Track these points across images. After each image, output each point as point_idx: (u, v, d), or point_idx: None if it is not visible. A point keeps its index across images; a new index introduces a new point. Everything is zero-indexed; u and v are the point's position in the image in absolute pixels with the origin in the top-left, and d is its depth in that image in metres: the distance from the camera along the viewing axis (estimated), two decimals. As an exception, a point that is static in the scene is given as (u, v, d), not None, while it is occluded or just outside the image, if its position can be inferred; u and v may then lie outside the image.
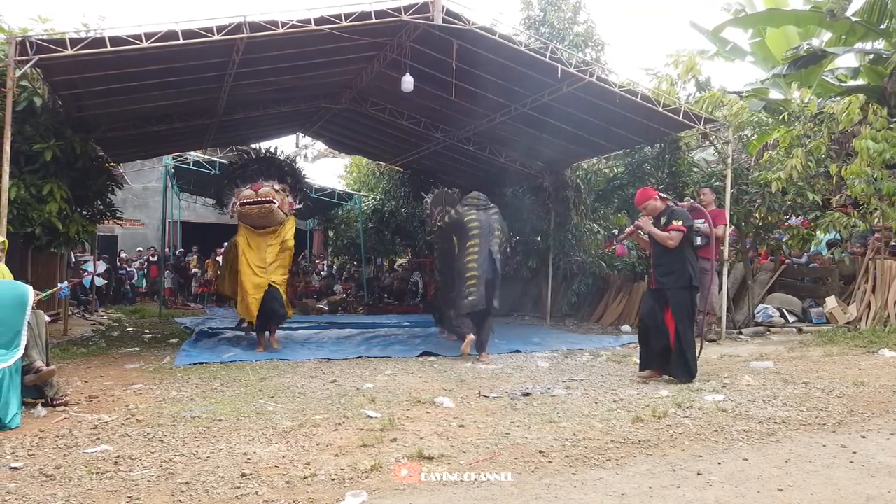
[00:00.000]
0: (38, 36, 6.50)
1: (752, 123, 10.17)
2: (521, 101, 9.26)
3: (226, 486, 3.04)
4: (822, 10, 12.04)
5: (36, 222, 7.46)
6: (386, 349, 8.15)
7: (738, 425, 4.10)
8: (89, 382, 5.74)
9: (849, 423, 4.14)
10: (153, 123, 9.62)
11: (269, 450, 3.60)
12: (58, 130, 7.74)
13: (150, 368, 6.56)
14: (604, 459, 3.45)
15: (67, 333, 9.25)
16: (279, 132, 13.84)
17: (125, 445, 3.71)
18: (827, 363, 6.39)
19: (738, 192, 9.10)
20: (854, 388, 5.13)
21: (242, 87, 8.89)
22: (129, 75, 7.57)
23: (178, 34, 6.52)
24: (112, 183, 9.91)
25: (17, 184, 7.18)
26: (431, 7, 7.16)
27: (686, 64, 10.28)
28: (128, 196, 18.41)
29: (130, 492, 2.99)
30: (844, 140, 9.58)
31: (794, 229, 9.82)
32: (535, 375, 6.16)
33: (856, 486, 3.05)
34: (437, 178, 15.31)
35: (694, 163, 10.48)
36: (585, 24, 14.12)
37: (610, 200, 11.74)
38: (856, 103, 8.28)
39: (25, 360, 4.45)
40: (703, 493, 2.97)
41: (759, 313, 9.43)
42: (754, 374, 5.80)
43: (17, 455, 3.55)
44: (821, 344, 7.62)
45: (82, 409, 4.66)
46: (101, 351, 7.84)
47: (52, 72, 7.15)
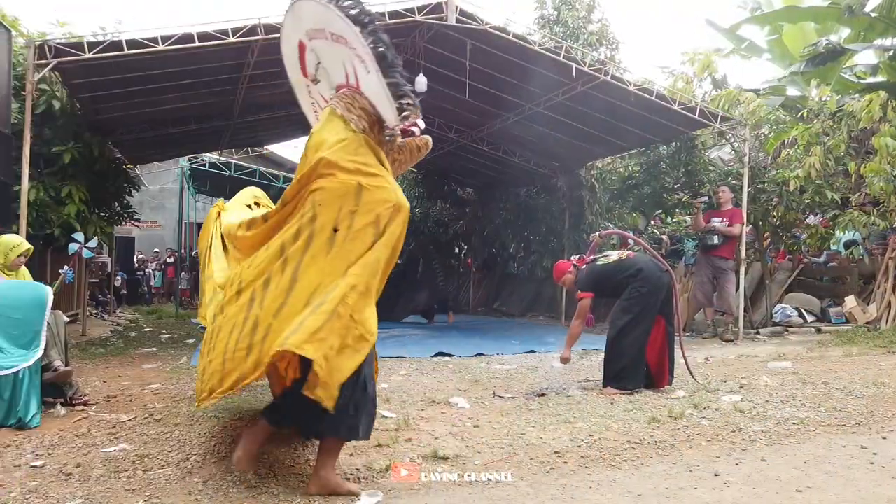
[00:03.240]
0: (57, 40, 6.59)
1: (770, 121, 10.07)
2: (535, 100, 9.24)
3: (242, 486, 3.06)
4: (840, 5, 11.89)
5: (55, 224, 7.55)
6: (401, 349, 8.16)
7: (756, 426, 4.06)
8: (108, 382, 5.79)
9: (869, 424, 4.09)
10: (170, 126, 9.71)
11: (284, 449, 3.61)
12: (76, 133, 7.84)
13: (167, 368, 6.61)
14: (620, 460, 3.43)
15: (86, 334, 9.35)
16: (294, 133, 13.90)
17: (143, 445, 3.74)
18: (846, 363, 6.31)
19: (756, 191, 9.01)
20: (874, 388, 5.07)
21: (258, 88, 8.94)
22: (146, 78, 7.65)
23: (194, 37, 6.57)
24: (129, 185, 10.02)
25: (37, 186, 7.28)
26: (445, 7, 7.17)
27: (702, 62, 10.22)
28: (144, 198, 18.60)
29: (148, 490, 3.02)
30: (864, 138, 9.47)
31: (813, 228, 9.72)
32: (550, 376, 6.13)
33: (876, 487, 3.01)
34: (451, 178, 15.34)
35: (710, 161, 10.41)
36: (600, 22, 14.05)
37: (625, 200, 11.68)
38: (876, 101, 8.18)
39: (44, 360, 4.50)
40: (721, 494, 2.94)
41: (777, 313, 9.34)
42: (772, 375, 5.74)
43: (37, 454, 3.59)
44: (840, 344, 7.53)
45: (101, 409, 4.71)
46: (119, 351, 7.92)
47: (71, 75, 7.24)
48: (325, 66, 3.25)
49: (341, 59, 3.05)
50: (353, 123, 2.94)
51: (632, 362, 5.16)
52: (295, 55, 3.41)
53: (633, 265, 5.36)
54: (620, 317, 5.27)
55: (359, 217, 2.74)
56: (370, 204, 2.76)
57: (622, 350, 5.19)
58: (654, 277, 5.27)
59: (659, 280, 5.28)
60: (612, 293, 5.49)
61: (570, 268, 5.84)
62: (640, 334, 5.17)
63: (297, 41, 3.30)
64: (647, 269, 5.30)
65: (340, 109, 2.98)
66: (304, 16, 3.17)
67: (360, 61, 2.90)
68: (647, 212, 12.07)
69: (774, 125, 10.24)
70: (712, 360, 6.87)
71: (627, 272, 5.30)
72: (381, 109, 2.95)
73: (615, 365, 5.22)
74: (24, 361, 4.30)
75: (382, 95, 2.88)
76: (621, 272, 5.34)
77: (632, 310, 5.20)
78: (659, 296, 5.26)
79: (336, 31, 2.95)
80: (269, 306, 2.73)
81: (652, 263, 5.40)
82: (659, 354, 5.29)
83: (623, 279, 5.30)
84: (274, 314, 2.71)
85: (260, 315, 2.74)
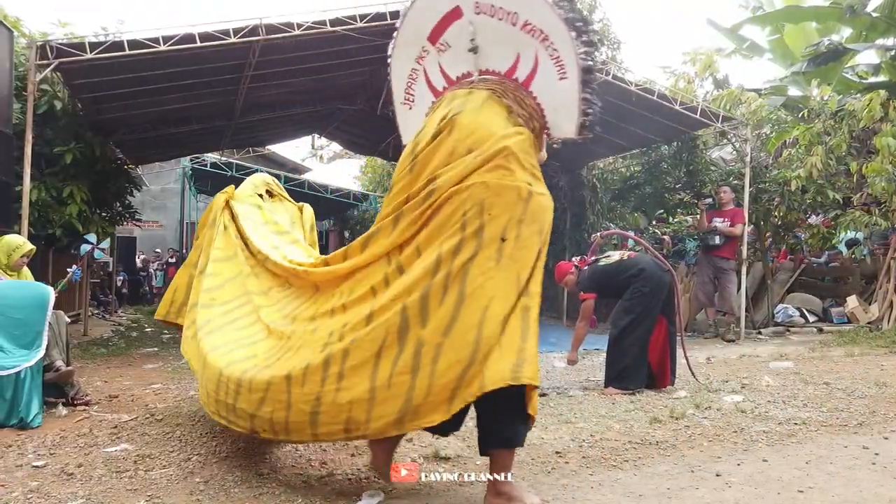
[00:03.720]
0: (58, 40, 6.60)
1: (771, 121, 10.07)
2: (536, 100, 9.22)
3: (244, 486, 3.06)
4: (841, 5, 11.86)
5: (57, 224, 7.57)
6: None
7: (758, 426, 4.05)
8: (109, 382, 5.80)
9: (871, 425, 4.08)
10: (171, 126, 9.72)
11: (285, 449, 3.61)
12: (78, 133, 7.85)
13: (168, 368, 6.61)
14: (621, 460, 3.43)
15: (88, 334, 9.36)
16: (295, 133, 13.93)
17: (145, 444, 3.75)
18: (848, 363, 6.30)
19: (757, 191, 9.01)
20: (876, 388, 5.06)
21: (259, 88, 8.96)
22: (148, 78, 7.66)
23: (195, 37, 6.58)
24: (131, 185, 10.03)
25: (39, 186, 7.29)
26: (446, 7, 7.17)
27: (704, 62, 10.23)
28: (146, 198, 18.60)
29: (150, 490, 3.02)
30: (865, 137, 9.46)
31: (815, 228, 9.72)
32: (551, 376, 6.13)
33: (878, 487, 3.00)
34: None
35: (712, 161, 10.41)
36: (601, 22, 14.03)
37: (627, 199, 11.69)
38: (877, 100, 8.18)
39: (46, 360, 4.51)
40: (723, 494, 2.94)
41: (779, 313, 9.34)
42: (774, 375, 5.73)
43: (39, 454, 3.60)
44: (842, 344, 7.52)
45: (102, 409, 4.72)
46: (120, 351, 7.93)
47: (72, 75, 7.25)
48: (482, 45, 2.92)
49: (517, 47, 2.82)
50: (522, 120, 2.77)
51: (633, 362, 5.16)
52: (434, 16, 3.04)
53: (634, 265, 5.36)
54: (622, 317, 5.27)
55: (525, 226, 2.59)
56: (536, 213, 2.63)
57: (624, 350, 5.19)
58: (656, 277, 5.26)
59: (660, 280, 5.28)
60: (614, 293, 5.49)
61: (571, 269, 5.84)
62: (642, 334, 5.16)
63: (453, 5, 2.95)
64: (648, 269, 5.30)
65: (508, 100, 2.77)
66: None
67: (554, 63, 2.75)
68: (649, 212, 12.07)
69: (776, 125, 10.24)
70: (714, 360, 6.87)
71: (629, 272, 5.30)
72: (562, 119, 2.82)
73: (617, 365, 5.22)
74: (26, 361, 4.31)
75: (573, 107, 2.78)
76: (623, 272, 5.34)
77: (633, 310, 5.20)
78: (660, 296, 5.26)
79: (535, 23, 2.74)
80: (436, 326, 2.52)
81: (653, 263, 5.40)
82: (661, 354, 5.28)
83: (625, 279, 5.30)
84: (443, 333, 2.51)
85: (424, 335, 2.52)
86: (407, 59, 3.18)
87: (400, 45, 3.21)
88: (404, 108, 3.27)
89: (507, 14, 2.79)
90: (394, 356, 2.56)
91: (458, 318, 2.51)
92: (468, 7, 2.90)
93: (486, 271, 2.54)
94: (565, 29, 2.69)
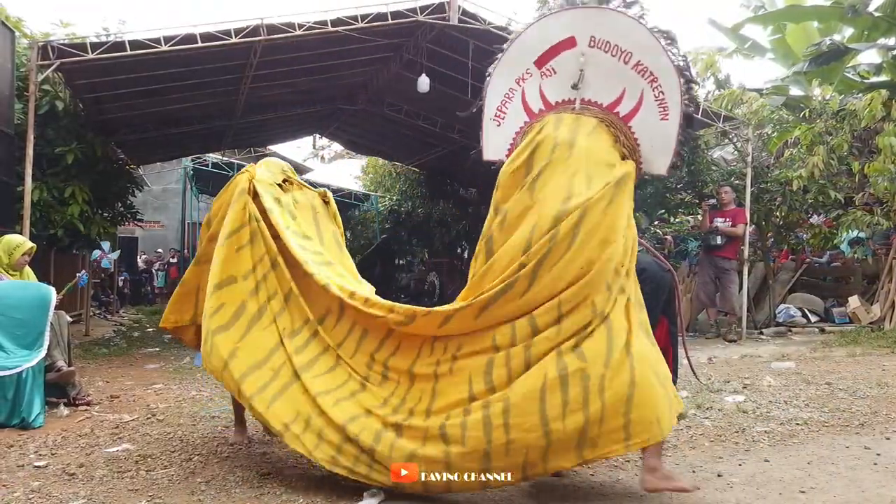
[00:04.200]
0: (60, 40, 6.61)
1: (773, 121, 10.05)
2: (537, 100, 9.22)
3: (245, 486, 3.06)
4: (843, 5, 11.86)
5: (58, 224, 7.57)
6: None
7: (759, 426, 4.05)
8: (111, 382, 5.80)
9: (872, 425, 4.07)
10: (172, 126, 9.74)
11: (287, 450, 3.61)
12: (79, 133, 7.86)
13: (169, 369, 6.62)
14: (622, 460, 3.42)
15: (89, 334, 9.37)
16: (297, 133, 13.96)
17: (146, 445, 3.75)
18: (850, 364, 6.29)
19: (759, 191, 8.99)
20: (878, 388, 5.05)
21: (260, 89, 8.96)
22: (149, 78, 7.67)
23: (197, 37, 6.59)
24: (132, 185, 10.04)
25: (40, 186, 7.30)
26: (447, 7, 7.17)
27: (705, 61, 10.19)
28: (147, 198, 18.60)
29: (151, 490, 3.02)
30: (867, 137, 9.44)
31: (816, 228, 9.70)
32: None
33: (880, 488, 3.00)
34: (454, 178, 15.35)
35: (713, 161, 10.39)
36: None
37: (627, 199, 11.65)
38: (878, 100, 8.16)
39: (47, 360, 4.51)
40: (724, 494, 2.94)
41: (781, 313, 9.32)
42: (775, 375, 5.72)
43: (40, 454, 3.60)
44: (843, 344, 7.51)
45: (104, 409, 4.72)
46: (122, 351, 7.93)
47: (74, 76, 7.26)
48: (589, 78, 3.11)
49: (624, 83, 3.04)
50: (627, 151, 3.01)
51: None
52: (545, 42, 3.18)
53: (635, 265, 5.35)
54: None
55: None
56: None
57: None
58: (657, 277, 5.24)
59: (661, 280, 5.25)
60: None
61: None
62: None
63: (569, 35, 3.11)
64: (649, 269, 5.28)
65: (616, 129, 3.01)
66: (606, 23, 3.04)
67: (658, 104, 3.00)
68: (650, 211, 12.04)
69: (777, 125, 10.21)
70: (715, 361, 6.86)
71: None
72: (657, 156, 3.06)
73: None
74: (28, 362, 4.31)
75: (669, 147, 3.03)
76: None
77: None
78: (661, 296, 5.24)
79: (647, 64, 2.98)
80: (595, 358, 2.74)
81: (654, 263, 5.38)
82: (661, 354, 5.27)
83: None
84: (605, 364, 2.73)
85: (588, 368, 2.71)
86: (507, 78, 3.29)
87: (503, 63, 3.32)
88: (493, 123, 3.36)
89: (621, 52, 3.02)
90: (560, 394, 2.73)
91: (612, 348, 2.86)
92: (583, 39, 3.08)
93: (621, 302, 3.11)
94: (676, 75, 2.96)
